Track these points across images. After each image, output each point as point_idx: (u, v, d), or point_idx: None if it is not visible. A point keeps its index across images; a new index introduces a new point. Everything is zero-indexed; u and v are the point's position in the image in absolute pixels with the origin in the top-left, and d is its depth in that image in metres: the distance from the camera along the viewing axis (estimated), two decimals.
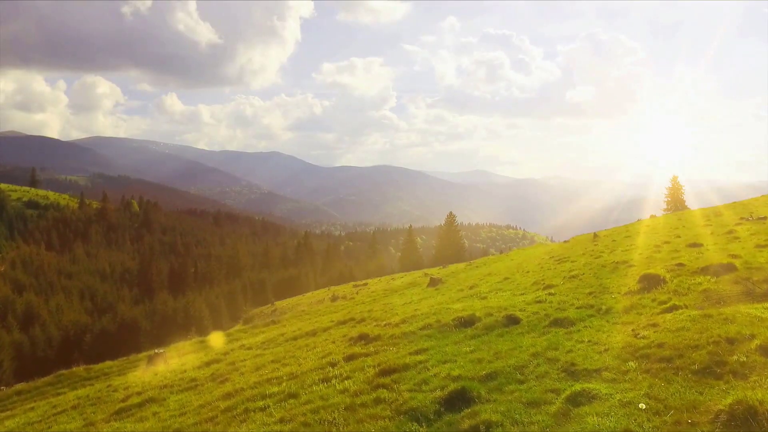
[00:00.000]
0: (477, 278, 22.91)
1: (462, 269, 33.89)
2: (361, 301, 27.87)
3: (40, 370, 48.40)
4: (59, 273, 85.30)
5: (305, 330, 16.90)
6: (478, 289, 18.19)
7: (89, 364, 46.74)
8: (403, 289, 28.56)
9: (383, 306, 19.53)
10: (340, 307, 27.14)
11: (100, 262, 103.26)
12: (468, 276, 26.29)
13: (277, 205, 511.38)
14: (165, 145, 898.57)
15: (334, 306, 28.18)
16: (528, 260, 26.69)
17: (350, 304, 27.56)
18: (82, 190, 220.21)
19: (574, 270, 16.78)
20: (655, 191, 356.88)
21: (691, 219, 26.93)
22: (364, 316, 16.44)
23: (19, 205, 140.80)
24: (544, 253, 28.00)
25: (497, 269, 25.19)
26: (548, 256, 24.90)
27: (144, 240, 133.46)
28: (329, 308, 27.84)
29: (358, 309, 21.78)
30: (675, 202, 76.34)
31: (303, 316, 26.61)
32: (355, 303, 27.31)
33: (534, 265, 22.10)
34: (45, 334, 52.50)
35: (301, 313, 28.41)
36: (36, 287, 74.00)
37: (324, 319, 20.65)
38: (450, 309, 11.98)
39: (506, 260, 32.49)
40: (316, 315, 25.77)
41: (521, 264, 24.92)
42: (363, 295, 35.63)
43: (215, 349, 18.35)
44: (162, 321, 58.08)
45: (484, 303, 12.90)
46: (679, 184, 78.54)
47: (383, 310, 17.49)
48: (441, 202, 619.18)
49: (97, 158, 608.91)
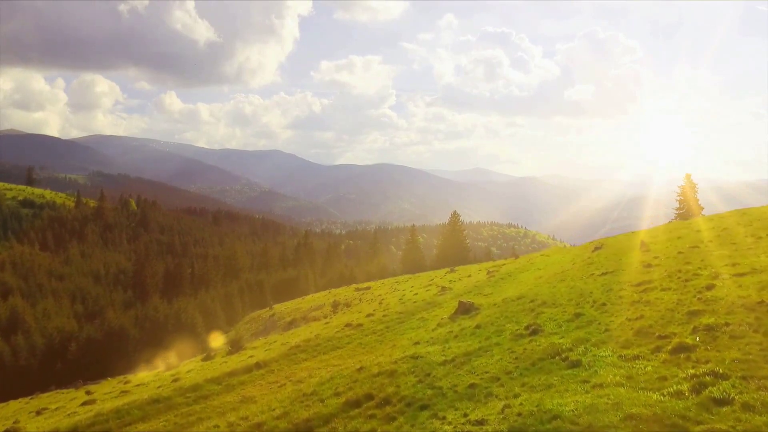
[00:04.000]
0: (524, 307, 17.28)
1: (483, 281, 28.91)
2: (373, 330, 21.98)
3: (22, 381, 46.17)
4: (50, 275, 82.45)
5: (295, 420, 11.64)
6: (549, 338, 12.67)
7: (73, 375, 44.39)
8: (422, 312, 23.62)
9: (410, 361, 14.11)
10: (346, 340, 21.05)
11: (94, 263, 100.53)
12: (502, 297, 20.58)
13: (277, 203, 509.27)
14: (165, 144, 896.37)
15: (338, 338, 21.59)
16: (568, 273, 21.38)
17: (359, 335, 21.73)
18: (82, 188, 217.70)
19: (685, 303, 12.27)
20: (655, 190, 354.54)
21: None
22: (388, 393, 11.60)
23: (14, 204, 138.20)
24: (582, 263, 23.68)
25: (540, 292, 18.87)
26: (597, 271, 19.71)
27: (141, 240, 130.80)
28: (332, 351, 20.22)
29: (374, 359, 16.54)
30: (688, 201, 73.50)
31: (292, 365, 18.83)
32: (364, 333, 21.73)
33: (597, 289, 16.69)
34: (28, 342, 49.75)
35: (293, 354, 20.19)
36: (24, 290, 71.19)
37: (324, 383, 14.64)
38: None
39: (533, 270, 28.47)
40: (314, 362, 18.80)
41: (568, 281, 19.37)
42: (368, 306, 32.45)
43: None
44: (152, 327, 55.26)
45: (606, 397, 8.18)
46: (692, 182, 75.29)
47: (412, 369, 13.14)
48: (441, 201, 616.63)
49: (96, 157, 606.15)
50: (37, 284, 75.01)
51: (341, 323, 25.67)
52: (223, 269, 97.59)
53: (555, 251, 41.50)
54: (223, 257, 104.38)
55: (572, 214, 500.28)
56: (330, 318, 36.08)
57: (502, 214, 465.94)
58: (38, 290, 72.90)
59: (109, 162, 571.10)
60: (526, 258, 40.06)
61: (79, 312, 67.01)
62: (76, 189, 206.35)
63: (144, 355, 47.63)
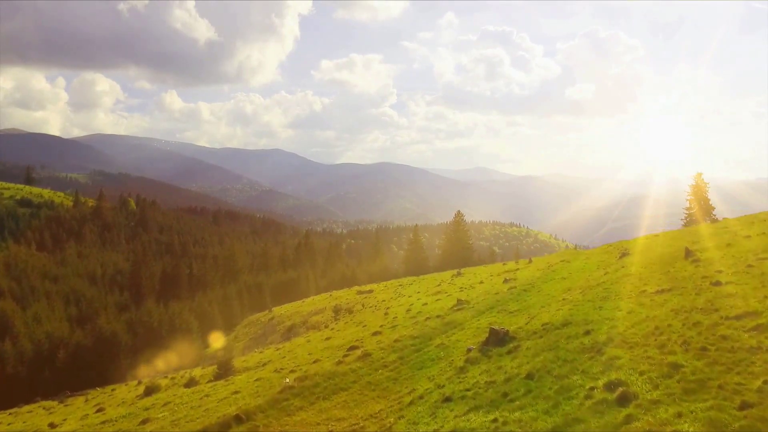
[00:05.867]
0: (581, 343, 12.93)
1: (503, 293, 25.29)
2: (383, 362, 18.16)
3: (9, 390, 44.26)
4: (44, 276, 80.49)
5: None
6: (655, 413, 8.42)
7: (60, 385, 42.44)
8: (440, 335, 19.40)
9: None
10: (351, 377, 17.23)
11: (91, 264, 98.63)
12: (541, 321, 16.40)
13: (278, 202, 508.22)
14: (166, 143, 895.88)
15: (341, 374, 17.64)
16: (607, 288, 17.80)
17: (367, 369, 17.79)
18: (83, 188, 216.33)
19: None
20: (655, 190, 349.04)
21: None
22: None
23: (12, 204, 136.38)
24: (617, 274, 19.77)
25: (590, 316, 14.86)
26: (649, 288, 16.17)
27: (139, 239, 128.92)
28: (334, 394, 16.35)
29: (392, 410, 13.46)
30: (700, 202, 71.39)
31: (283, 417, 14.76)
32: (373, 367, 17.90)
33: (671, 319, 12.73)
34: (16, 348, 47.76)
35: (284, 401, 15.84)
36: (17, 293, 69.23)
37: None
38: None
39: (557, 279, 25.17)
40: (311, 413, 14.86)
41: (613, 300, 15.69)
42: (371, 315, 29.45)
43: None
44: (145, 333, 53.18)
45: None
46: (703, 182, 72.93)
47: None
48: (442, 200, 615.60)
49: (97, 156, 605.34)
50: (30, 286, 73.07)
51: (344, 342, 22.72)
52: (222, 270, 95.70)
53: (570, 255, 38.68)
54: (222, 258, 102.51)
55: (573, 214, 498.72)
56: (331, 325, 34.07)
57: (503, 213, 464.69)
58: (31, 293, 70.96)
59: (110, 161, 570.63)
60: (542, 262, 37.40)
61: (72, 315, 65.05)
62: (77, 188, 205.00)
63: (135, 361, 45.87)
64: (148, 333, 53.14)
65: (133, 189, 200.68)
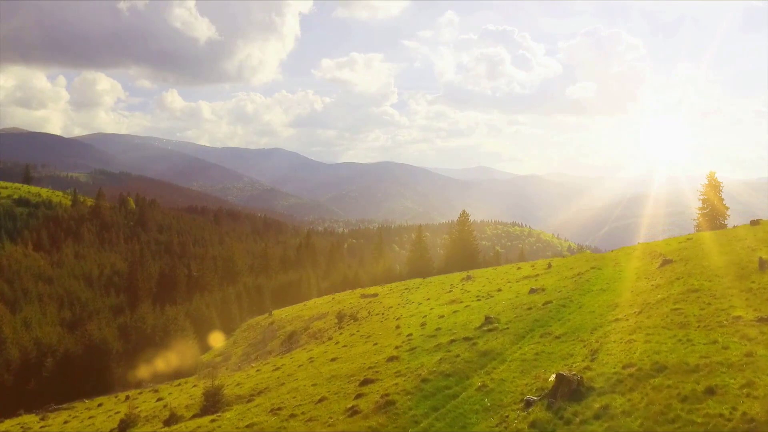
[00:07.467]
0: (692, 408, 9.63)
1: (537, 308, 21.33)
2: (414, 418, 12.77)
3: None
4: (38, 278, 78.22)
5: None
6: None
7: (46, 396, 40.23)
8: (477, 371, 15.14)
9: None
10: None
11: (87, 265, 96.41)
12: (620, 361, 12.54)
13: (278, 201, 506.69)
14: (167, 142, 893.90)
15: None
16: (677, 310, 14.81)
17: (390, 425, 12.77)
18: (84, 187, 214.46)
19: None
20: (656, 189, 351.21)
21: None
22: None
23: (9, 203, 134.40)
24: (677, 289, 16.61)
25: (682, 357, 11.69)
26: (749, 315, 13.07)
27: (137, 239, 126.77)
28: None
29: None
30: (712, 201, 69.06)
31: None
32: (400, 425, 12.67)
33: None
34: (2, 356, 45.60)
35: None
36: (8, 296, 67.08)
37: None
38: None
39: (595, 291, 21.27)
40: None
41: (693, 330, 13.03)
42: (380, 326, 25.75)
43: None
44: (138, 340, 50.94)
45: None
46: (716, 181, 70.57)
47: None
48: (444, 199, 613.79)
49: (98, 155, 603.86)
50: (22, 288, 70.83)
51: (354, 369, 18.79)
52: (221, 272, 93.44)
53: (596, 260, 33.70)
54: (221, 258, 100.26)
55: (574, 213, 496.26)
56: (335, 336, 31.63)
57: (505, 212, 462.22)
58: (23, 295, 68.75)
59: (111, 160, 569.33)
60: (564, 267, 33.61)
61: (66, 319, 62.83)
62: (78, 187, 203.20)
63: (128, 369, 43.69)
64: (142, 339, 50.89)
65: (133, 188, 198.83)
